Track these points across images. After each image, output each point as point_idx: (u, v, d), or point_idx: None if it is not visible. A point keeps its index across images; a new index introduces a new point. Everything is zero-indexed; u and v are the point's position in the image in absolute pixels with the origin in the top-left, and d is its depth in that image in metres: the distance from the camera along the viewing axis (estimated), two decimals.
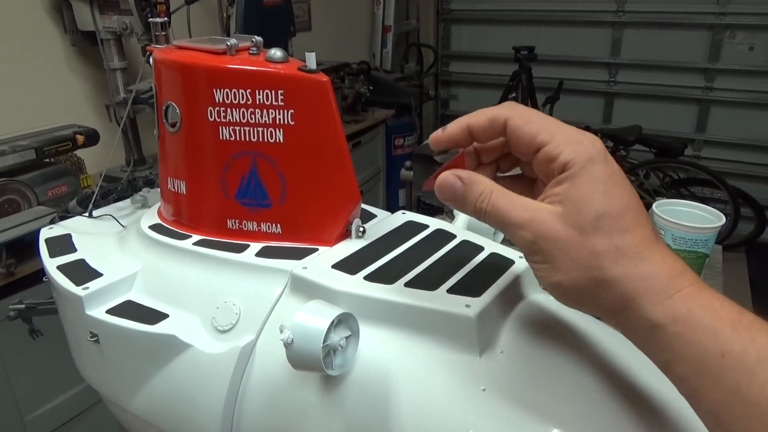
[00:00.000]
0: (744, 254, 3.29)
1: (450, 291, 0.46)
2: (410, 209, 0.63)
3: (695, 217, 1.00)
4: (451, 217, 1.27)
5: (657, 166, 3.51)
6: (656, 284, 0.33)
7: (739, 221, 3.30)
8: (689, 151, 3.70)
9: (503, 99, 3.44)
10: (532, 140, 0.36)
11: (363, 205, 0.59)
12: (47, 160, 1.62)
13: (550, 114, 3.56)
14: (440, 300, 0.45)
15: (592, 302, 0.35)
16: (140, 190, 0.79)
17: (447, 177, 0.39)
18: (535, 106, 3.34)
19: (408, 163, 1.42)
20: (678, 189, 3.46)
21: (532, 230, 0.35)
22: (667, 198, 3.28)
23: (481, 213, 0.38)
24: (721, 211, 0.97)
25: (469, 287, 0.46)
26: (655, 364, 0.35)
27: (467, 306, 0.43)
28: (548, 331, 0.46)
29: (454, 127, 0.39)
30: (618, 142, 3.44)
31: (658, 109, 3.86)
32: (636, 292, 0.33)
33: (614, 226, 0.34)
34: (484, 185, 0.38)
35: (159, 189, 0.68)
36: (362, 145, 2.91)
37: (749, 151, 3.66)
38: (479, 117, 0.39)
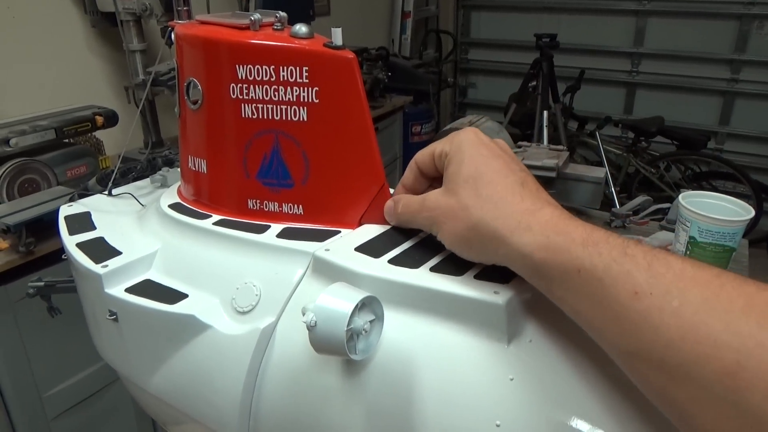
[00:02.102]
0: (766, 250, 3.24)
1: (477, 277, 0.44)
2: None
3: (723, 210, 0.97)
4: None
5: (678, 159, 3.46)
6: (517, 221, 0.39)
7: (761, 216, 3.24)
8: (712, 143, 3.63)
9: (523, 88, 3.40)
10: (429, 154, 0.48)
11: None
12: (67, 140, 1.62)
13: (570, 103, 3.53)
14: (468, 286, 0.43)
15: (477, 247, 0.42)
16: (160, 169, 0.78)
17: (387, 203, 0.52)
18: (555, 95, 3.29)
19: None
20: (699, 182, 3.40)
21: (426, 208, 0.46)
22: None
23: (401, 216, 0.50)
24: None
25: (497, 273, 0.44)
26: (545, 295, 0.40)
27: (496, 293, 0.42)
28: None
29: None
30: (639, 134, 3.39)
31: (681, 100, 3.79)
32: (503, 229, 0.40)
33: (479, 182, 0.42)
34: (402, 198, 0.50)
35: (178, 168, 0.67)
36: (380, 131, 2.89)
37: None
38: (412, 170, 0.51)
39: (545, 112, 3.01)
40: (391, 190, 0.60)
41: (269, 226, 0.55)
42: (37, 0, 1.83)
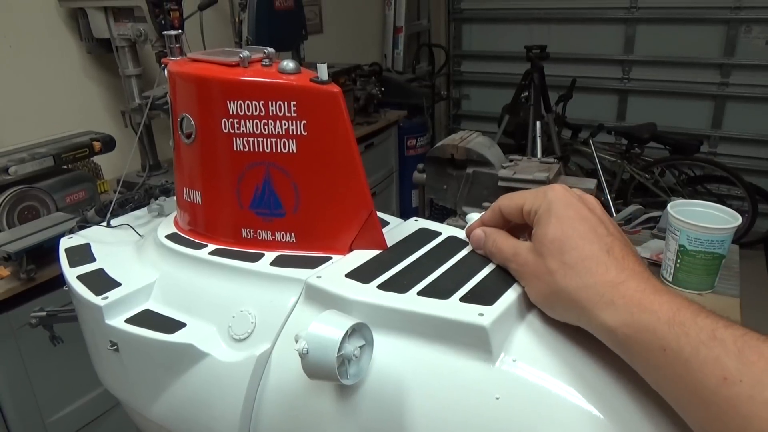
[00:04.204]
0: (762, 251, 3.25)
1: (463, 300, 0.46)
2: (423, 210, 0.64)
3: (711, 218, 0.99)
4: (463, 220, 1.27)
5: (672, 164, 3.48)
6: (599, 293, 0.40)
7: (756, 218, 3.26)
8: (705, 147, 3.66)
9: (515, 98, 3.43)
10: (516, 206, 0.49)
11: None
12: (65, 166, 1.64)
13: (563, 112, 3.55)
14: (453, 309, 0.45)
15: (560, 311, 0.44)
16: (156, 198, 0.80)
17: (477, 231, 0.54)
18: (547, 105, 3.32)
19: (421, 166, 1.42)
20: (694, 186, 3.43)
21: (516, 261, 0.48)
22: (683, 196, 3.25)
23: (491, 252, 0.52)
24: (737, 208, 0.96)
25: (482, 296, 0.46)
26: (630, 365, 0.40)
27: (480, 315, 0.44)
28: (561, 338, 0.46)
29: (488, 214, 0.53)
30: (632, 140, 3.41)
31: (672, 105, 3.82)
32: (585, 301, 0.40)
33: (564, 246, 0.42)
34: (494, 234, 0.52)
35: (175, 197, 0.69)
36: (375, 146, 2.92)
37: (766, 147, 3.61)
38: (494, 212, 0.52)
39: (538, 123, 3.03)
40: (380, 214, 0.62)
41: (263, 255, 0.57)
42: (32, 29, 1.86)
